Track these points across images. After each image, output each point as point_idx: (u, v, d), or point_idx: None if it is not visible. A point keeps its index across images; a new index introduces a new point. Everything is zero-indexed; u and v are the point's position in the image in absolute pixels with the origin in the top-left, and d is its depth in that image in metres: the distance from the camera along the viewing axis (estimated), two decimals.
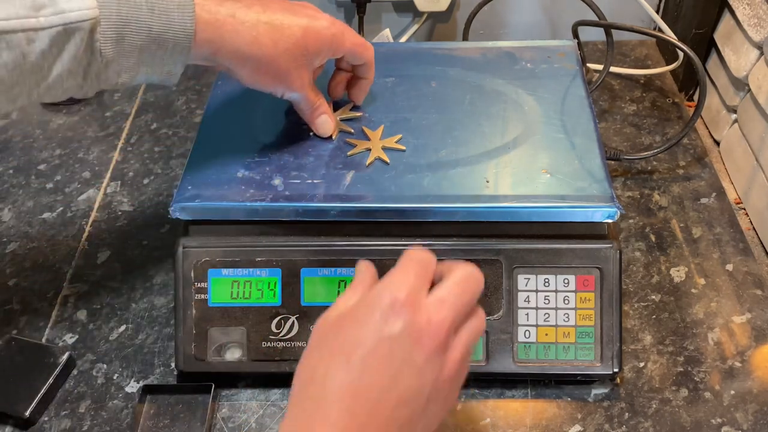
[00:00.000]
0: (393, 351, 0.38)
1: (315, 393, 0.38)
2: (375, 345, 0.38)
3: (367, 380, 0.37)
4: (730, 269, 0.66)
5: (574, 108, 0.62)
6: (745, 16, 0.74)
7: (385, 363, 0.38)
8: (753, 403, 0.56)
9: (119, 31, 0.47)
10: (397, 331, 0.38)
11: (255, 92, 0.56)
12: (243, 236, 0.56)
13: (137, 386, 0.58)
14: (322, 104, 0.58)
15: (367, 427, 0.37)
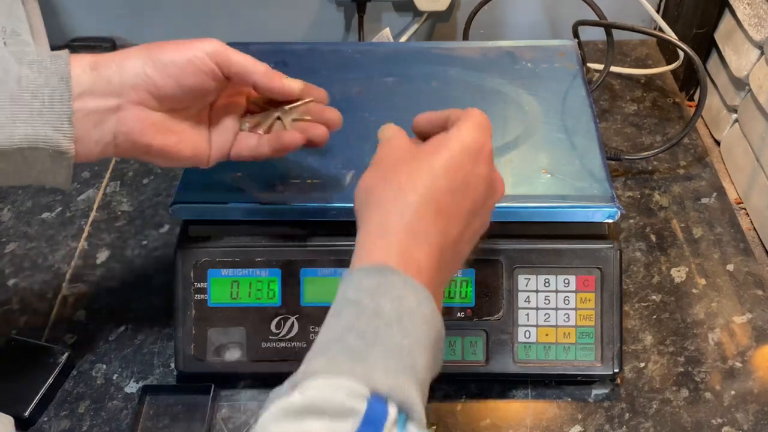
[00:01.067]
0: (463, 161, 0.42)
1: (397, 200, 0.41)
2: (449, 156, 0.42)
3: (446, 182, 0.41)
4: (731, 269, 0.66)
5: (574, 108, 0.62)
6: (746, 15, 0.74)
7: (460, 169, 0.42)
8: (753, 404, 0.56)
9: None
10: (461, 148, 0.43)
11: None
12: (243, 236, 0.56)
13: (137, 386, 0.58)
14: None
15: (450, 221, 0.41)
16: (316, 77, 0.66)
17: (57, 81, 0.43)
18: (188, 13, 0.93)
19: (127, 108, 0.45)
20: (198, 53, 0.45)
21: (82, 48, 0.92)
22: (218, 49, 0.46)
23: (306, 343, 0.55)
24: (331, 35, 0.94)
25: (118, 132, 0.45)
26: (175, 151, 0.47)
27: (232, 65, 0.47)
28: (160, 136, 0.46)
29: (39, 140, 0.42)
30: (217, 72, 0.46)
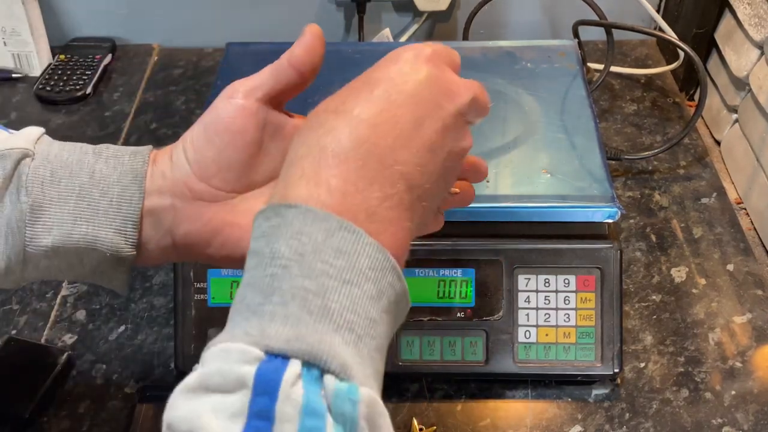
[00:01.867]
0: (420, 92, 0.35)
1: (311, 121, 0.34)
2: (401, 82, 0.35)
3: (388, 115, 0.33)
4: (731, 269, 0.66)
5: (574, 108, 0.62)
6: (746, 15, 0.74)
7: (412, 101, 0.34)
8: (754, 404, 0.56)
9: (53, 169, 0.39)
10: (424, 76, 0.35)
11: None
12: None
13: (136, 387, 0.58)
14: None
15: (376, 176, 0.32)
16: (316, 77, 0.66)
17: (130, 180, 0.39)
18: (188, 14, 0.93)
19: (180, 205, 0.40)
20: (233, 95, 0.39)
21: (82, 48, 0.92)
22: (255, 83, 0.40)
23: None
24: (331, 35, 0.94)
25: (174, 234, 0.40)
26: (245, 249, 0.35)
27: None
28: (223, 234, 0.40)
29: (98, 242, 0.39)
30: (259, 107, 0.40)
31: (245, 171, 0.40)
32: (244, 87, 0.40)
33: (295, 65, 0.40)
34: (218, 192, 0.40)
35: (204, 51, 0.93)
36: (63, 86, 0.86)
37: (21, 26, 0.87)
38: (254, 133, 0.39)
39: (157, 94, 0.88)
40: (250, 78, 0.40)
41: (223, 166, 0.39)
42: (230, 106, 0.39)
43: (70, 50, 0.92)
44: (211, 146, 0.39)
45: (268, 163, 0.40)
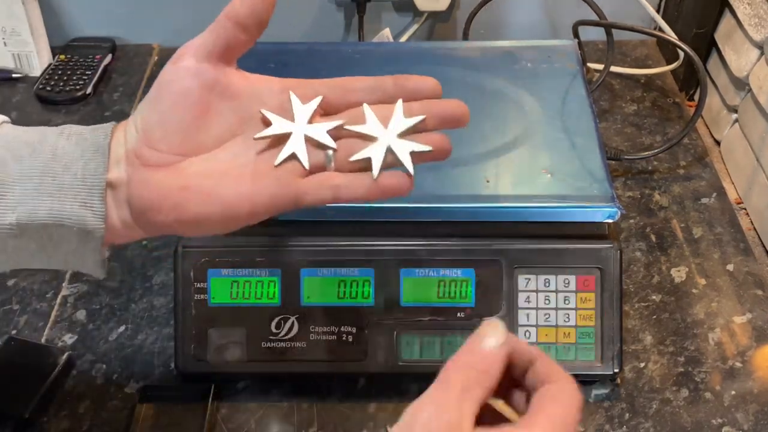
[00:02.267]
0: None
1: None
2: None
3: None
4: (731, 269, 0.66)
5: (574, 108, 0.62)
6: (746, 15, 0.74)
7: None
8: (754, 404, 0.56)
9: (14, 148, 0.39)
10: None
11: None
12: (243, 236, 0.56)
13: (137, 387, 0.58)
14: None
15: None
16: (316, 77, 0.67)
17: (92, 152, 0.39)
18: (188, 13, 0.93)
19: (132, 173, 0.39)
20: (177, 59, 0.40)
21: (82, 48, 0.92)
22: (205, 39, 0.40)
23: (306, 343, 0.55)
24: (331, 35, 0.94)
25: (130, 204, 0.39)
26: (195, 212, 0.39)
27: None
28: (171, 198, 0.39)
29: (64, 217, 0.38)
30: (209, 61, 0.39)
31: (191, 133, 0.39)
32: (188, 49, 0.39)
33: (233, 19, 0.39)
34: (165, 155, 0.39)
35: None
36: (63, 86, 0.86)
37: (21, 26, 0.87)
38: (199, 93, 0.39)
39: None
40: (195, 39, 0.40)
41: (169, 129, 0.39)
42: (173, 69, 0.39)
43: (71, 50, 0.92)
44: (155, 111, 0.39)
45: (220, 124, 0.40)
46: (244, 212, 0.39)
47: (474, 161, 0.57)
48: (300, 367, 0.55)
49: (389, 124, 0.39)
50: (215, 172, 0.39)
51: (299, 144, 0.39)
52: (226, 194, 0.39)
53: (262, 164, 0.39)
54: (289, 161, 0.39)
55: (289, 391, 0.57)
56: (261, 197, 0.39)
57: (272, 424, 0.55)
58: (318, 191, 0.39)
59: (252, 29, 0.39)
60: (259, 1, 0.39)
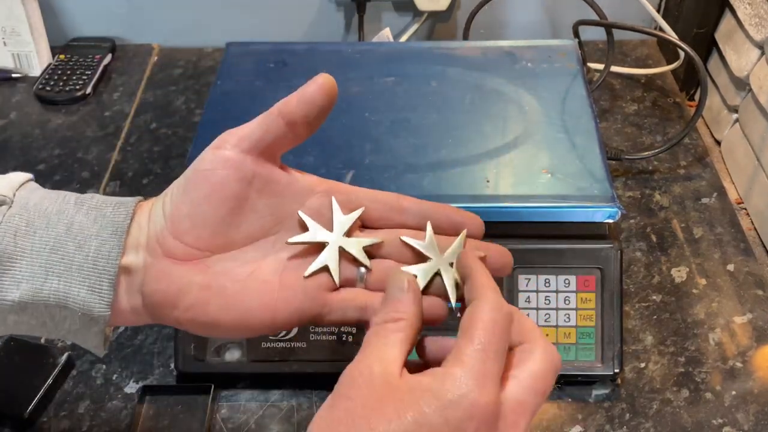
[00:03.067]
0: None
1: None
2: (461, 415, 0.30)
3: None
4: (731, 269, 0.66)
5: (574, 108, 0.62)
6: (746, 15, 0.74)
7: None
8: (754, 404, 0.56)
9: (30, 218, 0.36)
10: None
11: (254, 92, 0.55)
12: None
13: (136, 387, 0.58)
14: None
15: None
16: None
17: (109, 233, 0.36)
18: (188, 13, 0.93)
19: (150, 262, 0.36)
20: (221, 146, 0.37)
21: (82, 48, 0.92)
22: (246, 133, 0.37)
23: (306, 343, 0.55)
24: (331, 35, 0.94)
25: (143, 293, 0.37)
26: (213, 316, 0.36)
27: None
28: (190, 296, 0.36)
29: (69, 299, 0.35)
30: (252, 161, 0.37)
31: (222, 228, 0.37)
32: (232, 137, 0.37)
33: (286, 117, 0.36)
34: (191, 250, 0.36)
35: (204, 51, 0.93)
36: (63, 86, 0.86)
37: (21, 26, 0.87)
38: (236, 187, 0.36)
39: (156, 94, 0.88)
40: (240, 127, 0.37)
41: (198, 221, 0.36)
42: (212, 157, 0.36)
43: (70, 50, 0.92)
44: (187, 199, 0.36)
45: (254, 221, 0.37)
46: (264, 323, 0.37)
47: (474, 161, 0.57)
48: (300, 367, 0.55)
49: (447, 250, 0.38)
50: (241, 275, 0.37)
51: (333, 257, 0.38)
52: (249, 302, 0.36)
53: (292, 273, 0.37)
54: (320, 273, 0.37)
55: (289, 391, 0.57)
56: (284, 311, 0.37)
57: (272, 424, 0.55)
58: (344, 310, 0.37)
59: (303, 132, 0.37)
60: (317, 107, 0.36)
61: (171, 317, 0.36)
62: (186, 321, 0.36)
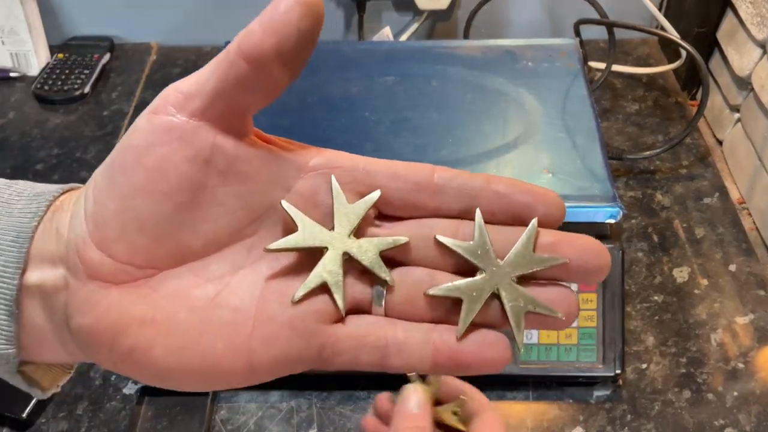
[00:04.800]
0: None
1: None
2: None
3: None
4: (733, 270, 0.65)
5: (575, 107, 0.62)
6: (748, 14, 0.73)
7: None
8: (756, 405, 0.56)
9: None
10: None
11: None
12: None
13: (135, 388, 0.58)
14: None
15: None
16: (316, 76, 0.66)
17: (10, 240, 0.25)
18: (187, 13, 0.93)
19: (73, 283, 0.24)
20: (160, 109, 0.24)
21: (80, 47, 0.91)
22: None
23: None
24: (331, 34, 0.94)
25: (69, 325, 0.25)
26: (162, 363, 0.24)
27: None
28: (128, 335, 0.24)
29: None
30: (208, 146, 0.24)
31: (170, 233, 0.24)
32: (175, 94, 0.24)
33: (249, 55, 0.23)
34: (123, 267, 0.24)
35: (203, 50, 0.93)
36: (61, 85, 0.86)
37: (19, 25, 0.87)
38: (187, 169, 0.24)
39: (155, 93, 0.86)
40: (186, 79, 0.25)
41: (130, 224, 0.24)
42: (148, 126, 0.24)
43: (69, 49, 0.91)
44: (114, 191, 0.24)
45: (217, 219, 0.25)
46: (235, 372, 0.25)
47: (475, 161, 0.57)
48: None
49: (509, 256, 0.25)
50: (201, 300, 0.24)
51: (335, 269, 0.25)
52: (212, 342, 0.24)
53: (274, 296, 0.25)
54: (315, 296, 0.25)
55: (289, 392, 0.57)
56: (264, 355, 0.25)
57: (271, 425, 0.55)
58: (355, 352, 0.25)
59: (280, 74, 0.23)
60: (295, 30, 0.22)
61: (108, 362, 0.25)
62: (127, 368, 0.25)
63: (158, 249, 0.24)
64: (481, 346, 0.24)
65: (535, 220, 0.25)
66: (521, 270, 0.25)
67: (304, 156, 0.26)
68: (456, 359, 0.24)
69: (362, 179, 0.25)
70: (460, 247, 0.25)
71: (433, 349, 0.24)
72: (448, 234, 0.25)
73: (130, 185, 0.24)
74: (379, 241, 0.25)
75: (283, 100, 0.62)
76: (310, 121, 0.62)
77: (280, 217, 0.26)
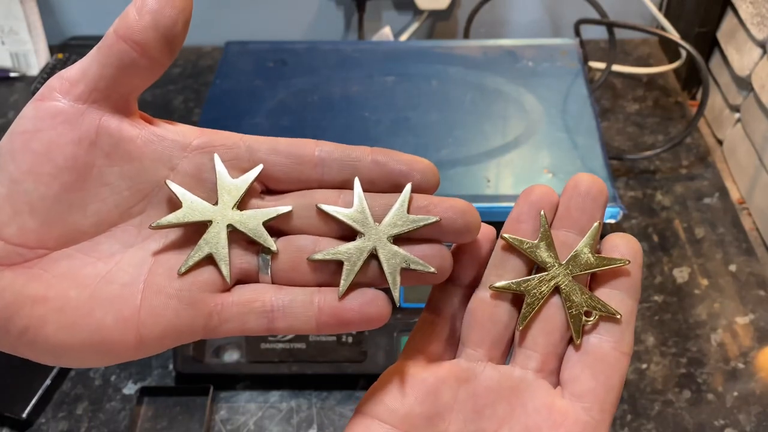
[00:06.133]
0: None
1: None
2: None
3: None
4: (733, 270, 0.65)
5: (575, 107, 0.62)
6: (748, 14, 0.73)
7: None
8: (756, 405, 0.56)
9: None
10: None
11: (254, 92, 0.55)
12: None
13: (135, 388, 0.58)
14: None
15: None
16: (316, 76, 0.66)
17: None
18: None
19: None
20: (47, 95, 0.26)
21: (80, 47, 0.91)
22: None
23: (305, 344, 0.55)
24: (331, 34, 0.94)
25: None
26: (55, 340, 0.26)
27: None
28: (21, 315, 0.25)
29: None
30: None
31: (59, 214, 0.26)
32: (59, 81, 0.26)
33: (125, 36, 0.25)
34: (15, 248, 0.26)
35: (203, 50, 0.93)
36: None
37: (19, 25, 0.87)
38: (73, 151, 0.26)
39: (155, 93, 0.87)
40: (70, 67, 0.27)
41: (21, 206, 0.25)
42: (35, 113, 0.26)
43: (68, 49, 0.91)
44: (3, 176, 0.25)
45: (105, 199, 0.26)
46: (127, 345, 0.26)
47: (475, 161, 0.57)
48: (299, 368, 0.55)
49: (385, 218, 0.27)
50: (91, 278, 0.26)
51: (220, 241, 0.27)
52: (102, 316, 0.26)
53: (161, 270, 0.27)
54: (202, 267, 0.27)
55: (289, 392, 0.57)
56: (153, 326, 0.26)
57: (271, 425, 0.55)
58: (242, 318, 0.27)
59: (160, 54, 0.26)
60: (166, 5, 0.25)
61: (3, 344, 0.26)
62: (23, 348, 0.26)
63: (49, 230, 0.26)
64: (362, 304, 0.27)
65: (409, 185, 0.27)
66: (396, 230, 0.27)
67: (188, 136, 0.27)
68: (339, 318, 0.26)
69: (244, 156, 0.27)
70: (339, 213, 0.27)
71: (317, 309, 0.26)
72: (329, 202, 0.27)
73: (19, 169, 0.25)
74: (262, 213, 0.27)
75: (284, 100, 0.62)
76: (310, 121, 0.62)
77: (166, 195, 0.27)
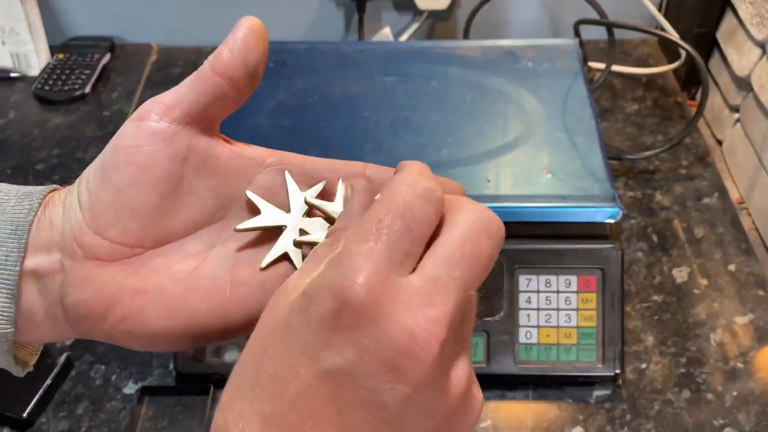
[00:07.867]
0: (339, 394, 0.24)
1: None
2: (308, 384, 0.24)
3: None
4: (733, 270, 0.65)
5: (575, 107, 0.62)
6: (748, 14, 0.73)
7: (326, 413, 0.24)
8: (755, 405, 0.56)
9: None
10: (343, 362, 0.24)
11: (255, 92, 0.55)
12: None
13: (135, 387, 0.58)
14: None
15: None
16: (316, 76, 0.66)
17: (8, 233, 0.29)
18: (187, 13, 0.93)
19: (69, 265, 0.29)
20: (145, 117, 0.30)
21: (81, 47, 0.91)
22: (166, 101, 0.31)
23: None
24: (331, 34, 0.94)
25: (64, 303, 0.30)
26: (152, 327, 0.30)
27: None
28: (122, 305, 0.29)
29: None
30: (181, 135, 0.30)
31: (156, 218, 0.30)
32: (157, 105, 0.30)
33: (221, 72, 0.30)
34: (117, 247, 0.29)
35: (203, 50, 0.93)
36: (62, 86, 0.86)
37: (19, 25, 0.87)
38: (169, 166, 0.29)
39: (156, 93, 0.87)
40: (167, 93, 0.31)
41: (124, 212, 0.29)
42: (136, 131, 0.30)
43: (69, 49, 0.91)
44: (108, 186, 0.29)
45: (193, 206, 0.31)
46: (216, 329, 0.30)
47: (474, 161, 0.57)
48: None
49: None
50: (183, 273, 0.30)
51: (293, 242, 0.31)
52: (196, 305, 0.30)
53: (245, 266, 0.30)
54: (279, 263, 0.31)
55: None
56: (240, 312, 0.30)
57: None
58: None
59: (245, 88, 0.31)
60: (254, 50, 0.30)
61: (101, 331, 0.30)
62: (120, 335, 0.30)
63: (146, 232, 0.30)
64: None
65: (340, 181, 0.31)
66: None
67: (262, 155, 0.32)
68: None
69: (309, 173, 0.32)
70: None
71: None
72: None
73: (123, 180, 0.29)
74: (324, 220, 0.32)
75: (284, 101, 0.62)
76: (310, 121, 0.62)
77: (244, 204, 0.32)
